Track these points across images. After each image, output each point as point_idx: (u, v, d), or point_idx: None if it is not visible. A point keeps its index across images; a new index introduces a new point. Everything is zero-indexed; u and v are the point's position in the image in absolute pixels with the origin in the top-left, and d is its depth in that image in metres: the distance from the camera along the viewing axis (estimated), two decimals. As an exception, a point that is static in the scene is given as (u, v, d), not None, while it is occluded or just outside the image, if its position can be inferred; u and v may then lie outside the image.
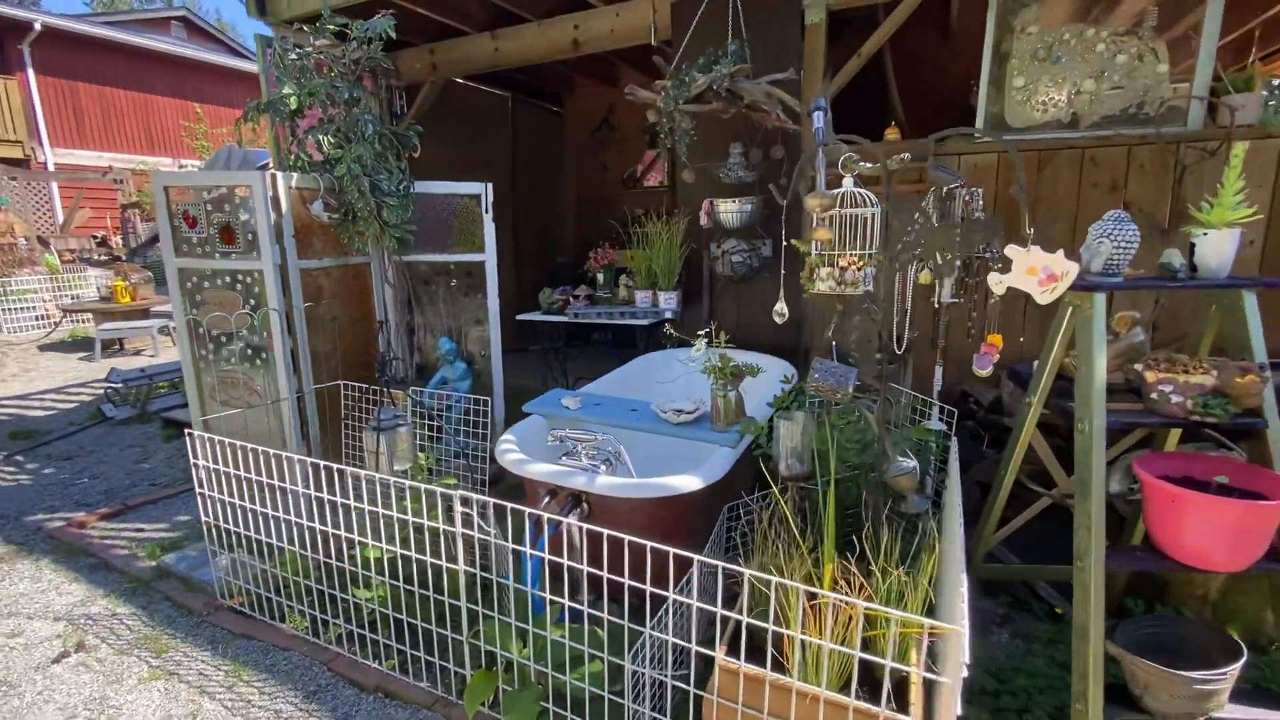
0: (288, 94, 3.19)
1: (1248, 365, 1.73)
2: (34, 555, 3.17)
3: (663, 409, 2.60)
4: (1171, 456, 1.90)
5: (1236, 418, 1.78)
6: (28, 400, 5.72)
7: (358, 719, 2.17)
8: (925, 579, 1.61)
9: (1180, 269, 1.88)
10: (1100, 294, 1.84)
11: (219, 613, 2.70)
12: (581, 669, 1.93)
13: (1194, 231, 1.88)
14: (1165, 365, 1.80)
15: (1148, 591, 2.52)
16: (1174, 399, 1.78)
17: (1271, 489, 1.73)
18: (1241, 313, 1.82)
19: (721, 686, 1.65)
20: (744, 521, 2.40)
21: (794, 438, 2.17)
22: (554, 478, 2.24)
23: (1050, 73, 3.22)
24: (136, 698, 2.27)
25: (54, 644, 2.55)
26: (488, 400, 3.43)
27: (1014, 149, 1.78)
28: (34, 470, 4.23)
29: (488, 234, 3.98)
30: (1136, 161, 3.05)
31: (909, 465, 1.87)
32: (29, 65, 12.69)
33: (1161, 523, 1.79)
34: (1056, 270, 1.65)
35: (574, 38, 4.19)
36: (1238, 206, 1.81)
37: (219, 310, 3.40)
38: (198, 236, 3.35)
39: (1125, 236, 1.83)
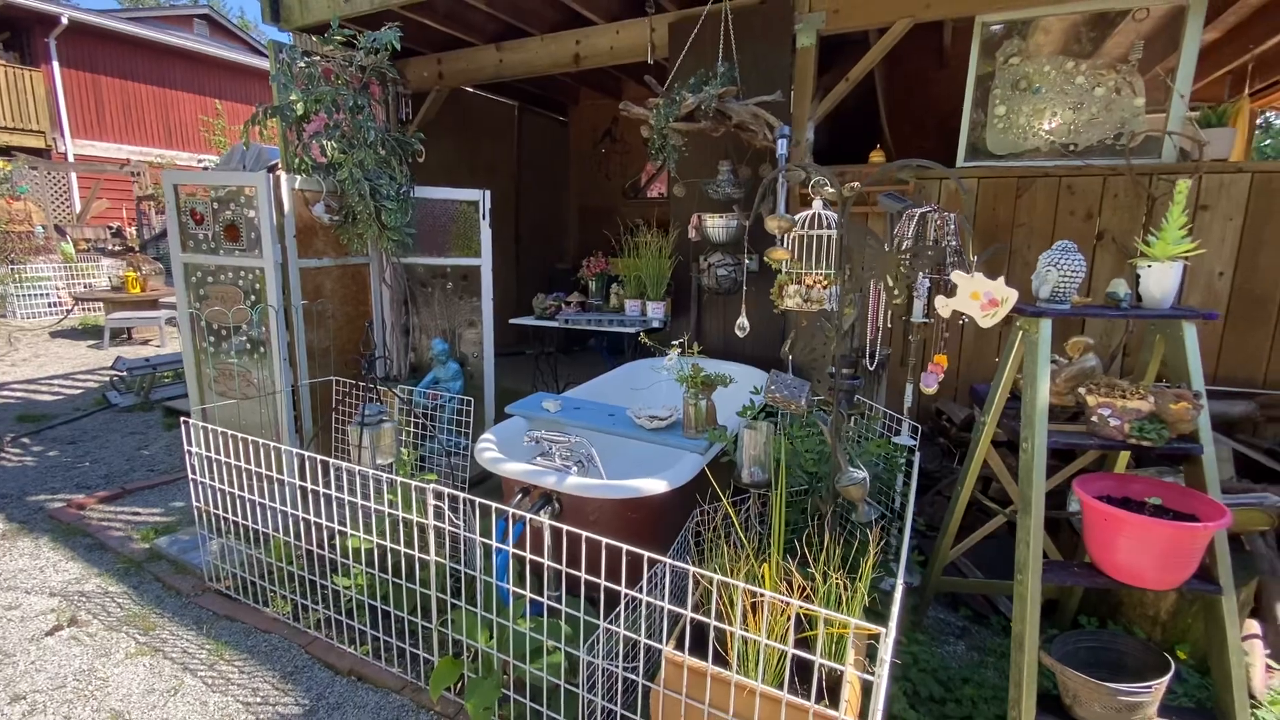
0: (295, 100, 3.33)
1: (1181, 392, 1.82)
2: (34, 534, 3.30)
3: (638, 415, 2.70)
4: (1112, 477, 1.99)
5: (1172, 442, 1.86)
6: (37, 385, 5.89)
7: (330, 699, 2.28)
8: (864, 583, 1.70)
9: (1125, 299, 1.97)
10: (1046, 320, 1.93)
11: (206, 595, 2.81)
12: (542, 660, 2.03)
13: (1139, 263, 1.97)
14: (1105, 390, 1.89)
15: (1102, 610, 2.59)
16: (1112, 422, 1.87)
17: (1204, 512, 1.82)
18: (1181, 342, 1.91)
19: (667, 679, 1.75)
20: (713, 526, 2.49)
21: (756, 446, 2.27)
22: (527, 476, 2.34)
23: (1030, 103, 3.32)
24: (123, 671, 2.38)
25: (48, 618, 2.67)
26: (471, 400, 3.54)
27: (959, 180, 1.87)
28: (39, 453, 4.37)
29: (484, 240, 4.10)
30: (1111, 191, 3.14)
31: (859, 476, 1.97)
32: (54, 58, 13.00)
33: (1098, 540, 1.87)
34: (997, 296, 1.75)
35: (575, 53, 4.32)
36: (1180, 240, 1.90)
37: (219, 305, 3.53)
38: (204, 233, 3.49)
39: (1071, 266, 1.92)
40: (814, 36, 3.58)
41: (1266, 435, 2.99)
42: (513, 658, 2.01)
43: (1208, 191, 2.99)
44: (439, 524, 2.06)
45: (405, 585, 2.23)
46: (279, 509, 2.48)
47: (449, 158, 5.82)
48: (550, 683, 1.96)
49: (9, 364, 6.49)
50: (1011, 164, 3.36)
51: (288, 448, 2.36)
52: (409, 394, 3.86)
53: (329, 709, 2.24)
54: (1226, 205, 2.97)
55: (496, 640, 2.05)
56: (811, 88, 3.63)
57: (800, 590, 1.65)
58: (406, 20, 4.24)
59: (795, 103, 3.66)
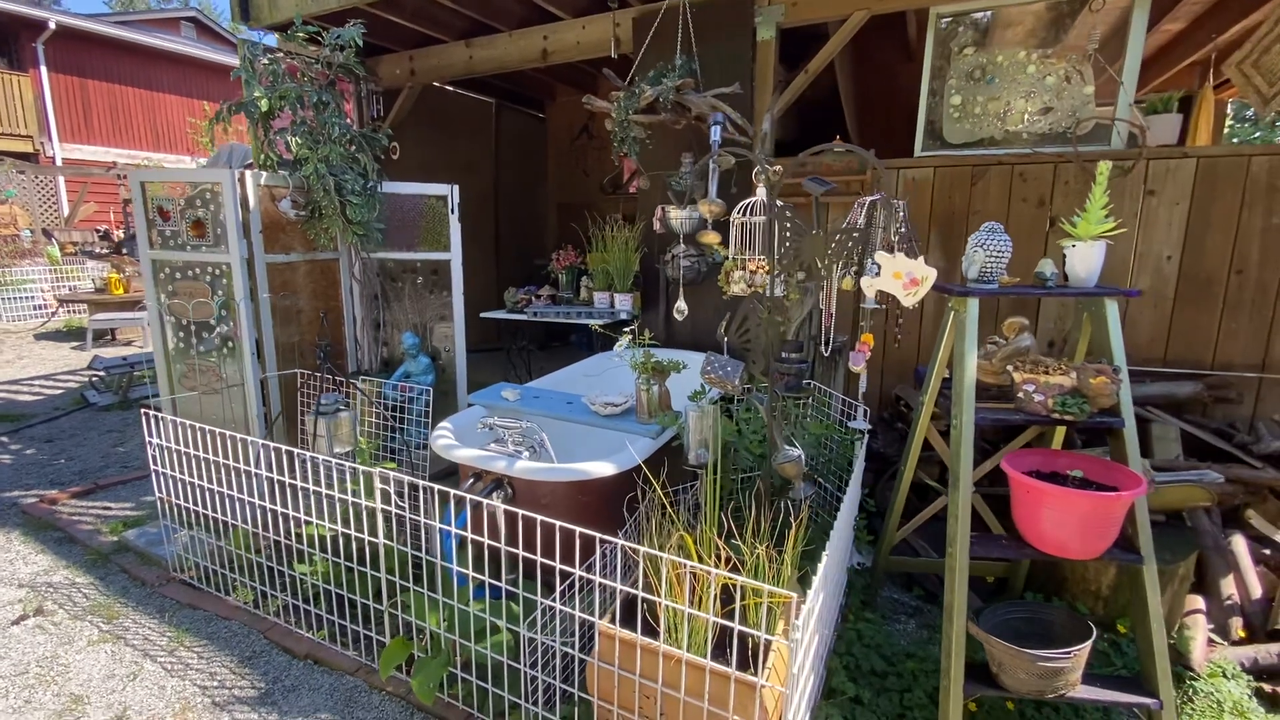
0: (258, 96, 3.36)
1: (1101, 367, 1.87)
2: (6, 528, 3.33)
3: (593, 402, 2.75)
4: (1041, 453, 2.04)
5: (1094, 416, 1.91)
6: (18, 385, 5.91)
7: (286, 682, 2.32)
8: (791, 555, 1.75)
9: (1051, 278, 2.02)
10: (973, 299, 1.98)
11: (170, 584, 2.85)
12: (498, 637, 2.07)
13: (1064, 243, 2.02)
14: (1030, 366, 1.94)
15: (1049, 587, 2.64)
16: (1036, 398, 1.92)
17: (1125, 483, 1.87)
18: (1105, 319, 1.95)
19: (602, 651, 1.79)
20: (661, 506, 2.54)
21: (702, 429, 2.32)
22: (478, 462, 2.38)
23: (984, 92, 3.37)
24: (84, 658, 2.42)
25: (15, 608, 2.70)
26: (426, 393, 3.58)
27: (879, 164, 1.92)
28: (16, 451, 4.41)
29: (453, 234, 4.15)
30: (1062, 178, 3.19)
31: (794, 454, 2.01)
32: (42, 62, 13.00)
33: (1023, 513, 1.92)
34: (918, 274, 1.79)
35: (544, 48, 4.36)
36: (1102, 221, 1.95)
37: (187, 300, 3.56)
38: (171, 229, 3.52)
39: (996, 246, 1.97)
40: (774, 29, 3.62)
41: (1215, 416, 3.05)
42: (459, 637, 2.05)
43: (1154, 177, 3.04)
44: (386, 508, 2.10)
45: (358, 569, 2.27)
46: (239, 498, 2.52)
47: (426, 155, 5.86)
48: (496, 661, 2.00)
49: None
50: (966, 153, 3.41)
51: (246, 436, 2.40)
52: (378, 386, 3.90)
53: (284, 691, 2.28)
54: (1173, 190, 3.02)
55: (446, 622, 2.10)
56: (772, 81, 3.68)
57: (728, 562, 1.70)
58: (375, 18, 4.28)
59: (756, 95, 3.71)
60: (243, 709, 2.20)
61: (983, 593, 2.81)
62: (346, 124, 3.67)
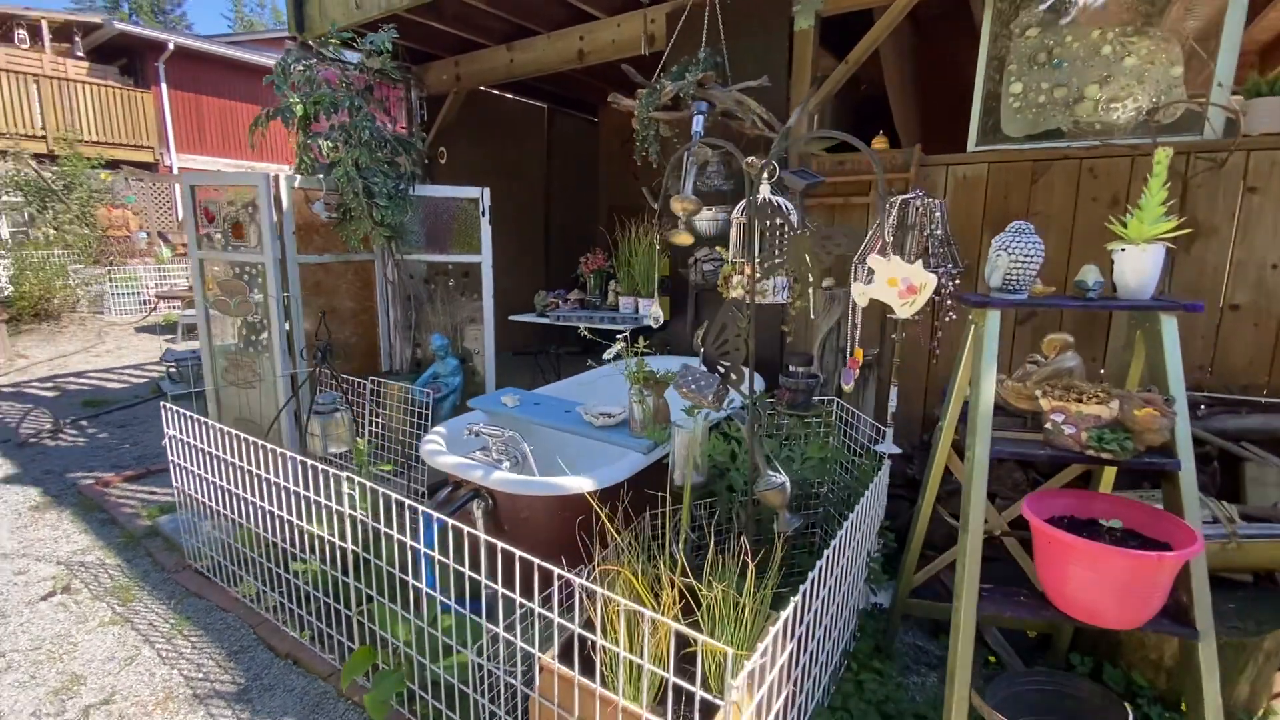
0: (294, 102, 3.47)
1: (1150, 397, 1.54)
2: (60, 507, 3.58)
3: (589, 411, 2.61)
4: (1074, 495, 1.72)
5: (1141, 456, 1.58)
6: (111, 374, 6.46)
7: (265, 680, 2.32)
8: (748, 600, 1.54)
9: (1095, 288, 1.70)
10: (994, 311, 1.70)
11: (184, 572, 2.95)
12: (450, 659, 1.97)
13: (1113, 247, 1.70)
14: (1060, 392, 1.64)
15: (1101, 649, 2.26)
16: (1066, 430, 1.61)
17: (1177, 538, 1.53)
18: (1160, 338, 1.62)
19: (542, 686, 1.65)
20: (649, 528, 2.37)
21: (688, 447, 2.13)
22: (457, 470, 2.30)
23: (1050, 78, 2.98)
24: (92, 639, 2.53)
25: (46, 584, 2.87)
26: (454, 394, 3.55)
27: (874, 155, 1.66)
28: (91, 434, 4.78)
29: (484, 237, 4.13)
30: (1140, 173, 2.77)
31: (778, 480, 1.80)
32: (163, 80, 14.35)
33: (1047, 569, 1.62)
34: (915, 281, 1.54)
35: (580, 48, 4.29)
36: (1160, 220, 1.62)
37: (228, 298, 3.72)
38: (215, 231, 3.69)
39: (1024, 250, 1.68)
40: (813, 18, 3.38)
41: (1332, 457, 2.53)
42: (417, 654, 1.96)
43: (1258, 171, 2.57)
44: (352, 513, 2.05)
45: (330, 574, 2.24)
46: (238, 494, 2.56)
47: (475, 159, 5.94)
48: (449, 683, 1.90)
49: (93, 355, 7.17)
50: (1027, 146, 3.03)
51: (247, 436, 2.42)
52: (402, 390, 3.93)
53: (261, 690, 2.28)
54: (1277, 185, 2.55)
55: (411, 637, 2.02)
56: (809, 73, 3.43)
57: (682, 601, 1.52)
58: (417, 24, 4.36)
59: (793, 89, 3.47)
60: (219, 704, 2.21)
61: (1023, 649, 2.45)
62: (378, 128, 3.73)
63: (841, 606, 2.09)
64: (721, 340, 1.75)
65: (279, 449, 2.29)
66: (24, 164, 9.54)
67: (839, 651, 2.16)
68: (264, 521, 2.47)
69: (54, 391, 5.80)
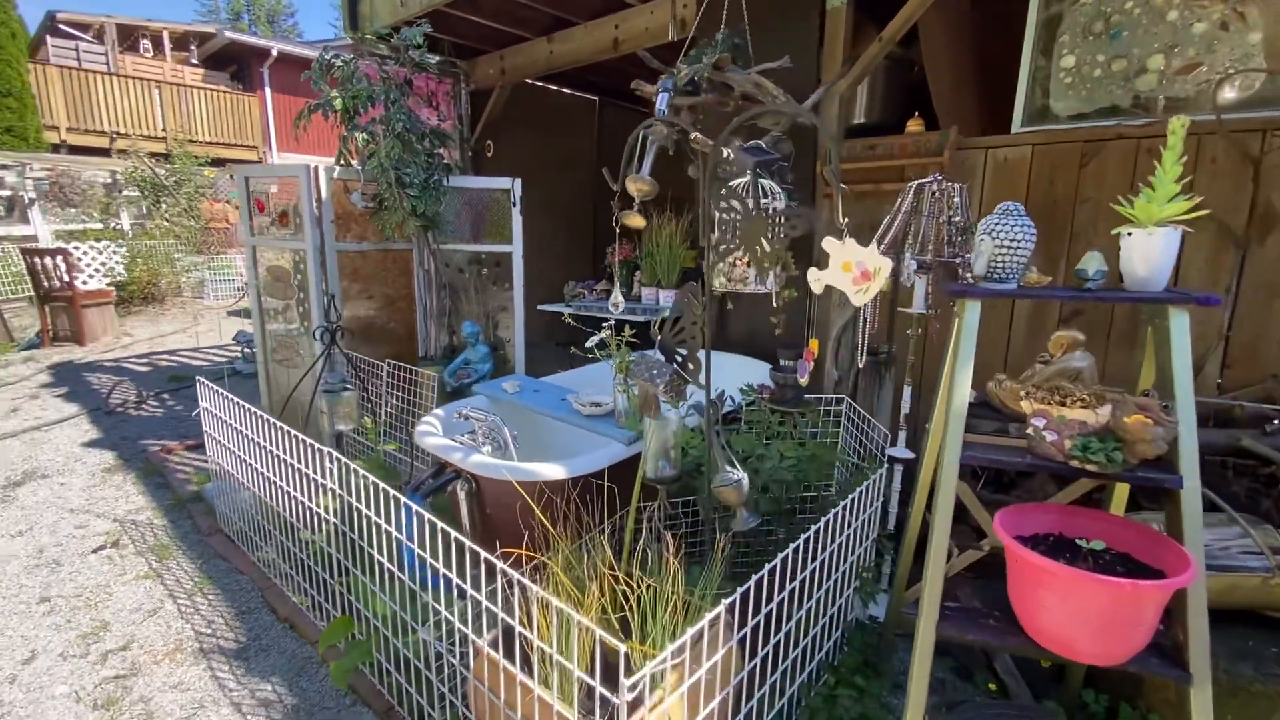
0: (333, 97, 3.64)
1: (1144, 402, 1.35)
2: (127, 470, 3.95)
3: (579, 400, 2.59)
4: (1055, 510, 1.52)
5: (1136, 470, 1.39)
6: (198, 352, 7.07)
7: (263, 641, 2.46)
8: (678, 598, 1.47)
9: (1096, 277, 1.51)
10: (973, 302, 1.54)
11: (215, 535, 3.17)
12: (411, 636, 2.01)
13: (1121, 231, 1.50)
14: (1043, 394, 1.46)
15: (1120, 688, 2.02)
16: (1048, 437, 1.44)
17: (1172, 565, 1.33)
18: (1168, 335, 1.41)
19: (476, 669, 1.65)
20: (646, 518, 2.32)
21: (662, 439, 2.06)
22: (441, 452, 2.34)
23: (1107, 49, 2.67)
24: (126, 590, 2.76)
25: (99, 539, 3.17)
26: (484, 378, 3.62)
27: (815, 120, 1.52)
28: (169, 406, 5.24)
29: (515, 227, 4.19)
30: (1207, 154, 2.44)
31: (733, 477, 1.71)
32: (267, 84, 15.54)
33: (1019, 593, 1.45)
34: (870, 266, 1.41)
35: (614, 37, 4.26)
36: (1174, 200, 1.41)
37: (278, 283, 3.97)
38: (265, 220, 3.94)
39: (1010, 234, 1.51)
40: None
41: None
42: (384, 628, 2.01)
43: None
44: (333, 486, 2.12)
45: (320, 545, 2.33)
46: (253, 466, 2.72)
47: (523, 152, 6.03)
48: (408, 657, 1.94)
49: (187, 335, 7.87)
50: (1077, 125, 2.73)
51: (264, 414, 2.57)
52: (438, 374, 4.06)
53: (258, 650, 2.42)
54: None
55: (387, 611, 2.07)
56: (841, 54, 3.24)
57: (604, 597, 1.47)
58: (459, 20, 4.47)
59: (824, 70, 3.30)
60: (219, 659, 2.36)
61: (1037, 679, 2.22)
62: (416, 120, 3.85)
63: (816, 614, 1.96)
64: (678, 328, 1.68)
65: (279, 423, 2.41)
66: (141, 162, 10.58)
67: (814, 661, 2.03)
68: (270, 492, 2.62)
69: (147, 367, 6.41)
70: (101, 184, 10.87)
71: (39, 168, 10.56)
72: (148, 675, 2.29)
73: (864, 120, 4.21)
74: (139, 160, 10.64)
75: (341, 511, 2.14)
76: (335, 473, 2.09)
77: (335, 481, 2.10)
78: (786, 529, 2.34)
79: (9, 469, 3.96)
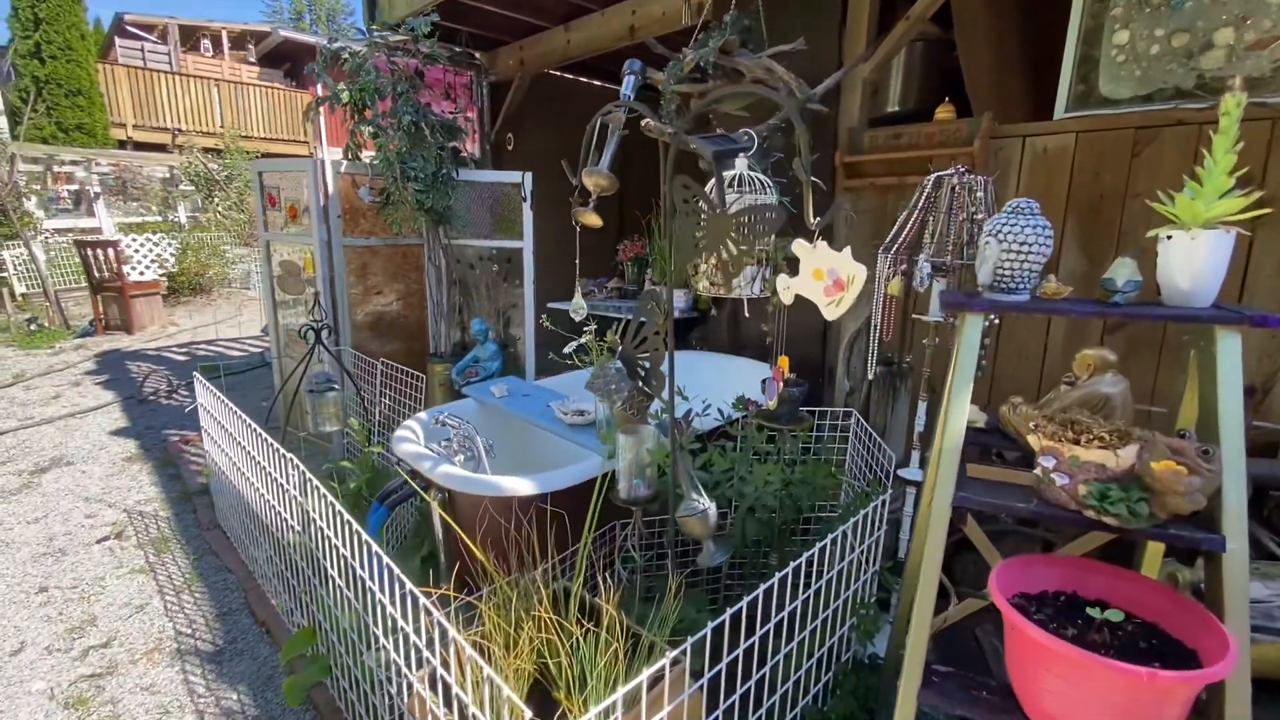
0: (341, 90, 3.59)
1: (1177, 444, 1.10)
2: (145, 459, 4.03)
3: (563, 408, 2.45)
4: (1070, 564, 1.29)
5: (1164, 525, 1.14)
6: (236, 343, 7.26)
7: (239, 645, 2.41)
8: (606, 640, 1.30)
9: (1126, 288, 1.26)
10: (973, 315, 1.31)
11: (213, 530, 3.17)
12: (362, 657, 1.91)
13: (1158, 234, 1.24)
14: (1055, 428, 1.23)
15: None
16: (1058, 480, 1.20)
17: (1207, 645, 1.09)
18: (1214, 359, 1.16)
19: (410, 704, 1.52)
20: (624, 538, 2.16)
21: (634, 454, 1.90)
22: (411, 460, 2.23)
23: (1167, 23, 2.34)
24: (119, 584, 2.78)
25: (106, 529, 3.22)
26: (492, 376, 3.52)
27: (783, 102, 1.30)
28: (198, 396, 5.36)
29: (526, 222, 4.07)
30: (1285, 141, 2.10)
31: (699, 507, 1.52)
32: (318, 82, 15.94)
33: (1018, 668, 1.23)
34: (843, 273, 1.20)
35: (630, 24, 4.08)
36: (1224, 197, 1.16)
37: (289, 277, 3.96)
38: (276, 214, 3.94)
39: (1019, 236, 1.27)
40: (871, -30, 2.93)
41: None
42: (340, 645, 1.92)
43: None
44: (294, 492, 2.04)
45: (288, 552, 2.26)
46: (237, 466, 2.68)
47: (546, 145, 5.90)
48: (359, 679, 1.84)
49: (229, 326, 8.11)
50: (1129, 110, 2.41)
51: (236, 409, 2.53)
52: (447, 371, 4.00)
53: (233, 654, 2.37)
54: None
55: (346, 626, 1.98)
56: (866, 35, 2.98)
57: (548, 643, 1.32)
58: (475, 9, 4.36)
59: (846, 54, 3.04)
60: (194, 662, 2.33)
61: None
62: (426, 113, 3.77)
63: (801, 655, 1.77)
64: (641, 338, 1.50)
65: (254, 425, 2.36)
66: (194, 158, 10.99)
67: (799, 708, 1.83)
68: (249, 492, 2.57)
69: (185, 356, 6.61)
70: (160, 179, 11.35)
71: (105, 163, 11.11)
72: (122, 675, 2.27)
73: (897, 108, 3.91)
74: (193, 156, 11.05)
75: (303, 520, 2.06)
76: (296, 479, 2.00)
77: (296, 489, 2.02)
78: (781, 553, 2.15)
79: (39, 455, 4.09)
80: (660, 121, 3.21)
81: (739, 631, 1.41)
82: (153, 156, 12.17)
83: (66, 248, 9.10)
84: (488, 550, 2.04)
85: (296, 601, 2.33)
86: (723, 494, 1.87)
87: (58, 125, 11.70)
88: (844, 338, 2.65)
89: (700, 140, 1.29)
